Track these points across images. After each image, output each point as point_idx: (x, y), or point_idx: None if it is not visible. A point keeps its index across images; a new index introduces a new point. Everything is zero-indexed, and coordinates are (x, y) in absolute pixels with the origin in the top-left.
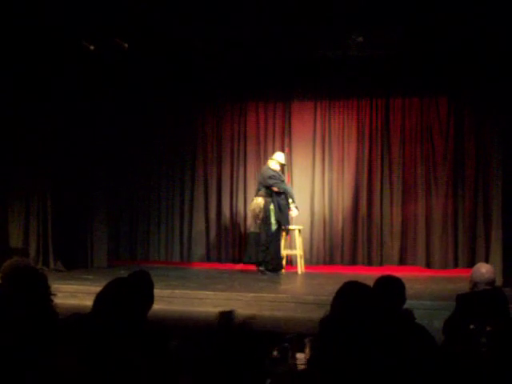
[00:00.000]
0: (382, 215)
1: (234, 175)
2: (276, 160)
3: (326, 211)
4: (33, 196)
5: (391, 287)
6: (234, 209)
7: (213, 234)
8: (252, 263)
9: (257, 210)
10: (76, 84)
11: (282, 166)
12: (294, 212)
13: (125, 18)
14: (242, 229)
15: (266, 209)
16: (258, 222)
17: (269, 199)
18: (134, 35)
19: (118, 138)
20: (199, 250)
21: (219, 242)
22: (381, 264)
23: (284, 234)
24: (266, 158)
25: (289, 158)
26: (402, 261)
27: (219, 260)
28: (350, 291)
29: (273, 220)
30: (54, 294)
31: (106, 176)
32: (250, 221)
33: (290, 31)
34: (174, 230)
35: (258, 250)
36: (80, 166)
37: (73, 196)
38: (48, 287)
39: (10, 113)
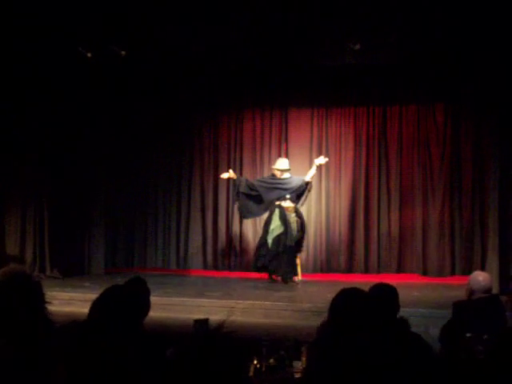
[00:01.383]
0: (379, 223)
1: (231, 183)
2: (275, 169)
3: (323, 219)
4: (30, 203)
5: (385, 295)
6: (231, 216)
7: (209, 241)
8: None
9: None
10: (74, 90)
11: (282, 171)
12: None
13: (122, 24)
14: (238, 237)
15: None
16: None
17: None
18: (131, 42)
19: (115, 146)
20: (196, 257)
21: (215, 250)
22: (378, 272)
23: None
24: (263, 164)
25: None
26: (399, 268)
27: (216, 268)
28: (347, 297)
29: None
30: (49, 302)
31: (104, 183)
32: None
33: (288, 39)
34: (171, 238)
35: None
36: (77, 173)
37: (70, 203)
38: (42, 294)
39: (8, 118)
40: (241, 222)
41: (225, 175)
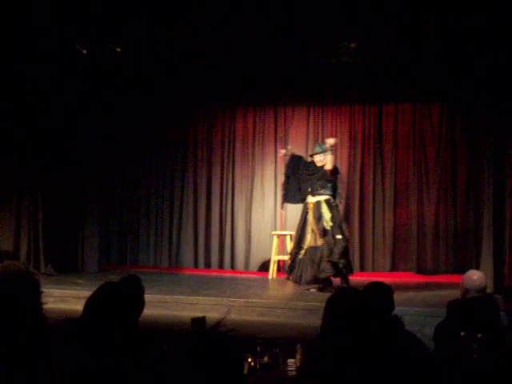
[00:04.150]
0: (374, 221)
1: (224, 181)
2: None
3: None
4: (24, 199)
5: (380, 294)
6: (224, 214)
7: (201, 239)
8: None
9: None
10: (71, 88)
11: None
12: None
13: (118, 21)
14: (231, 235)
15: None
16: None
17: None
18: (126, 39)
19: (109, 144)
20: (187, 255)
21: (208, 248)
22: (373, 270)
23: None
24: (258, 162)
25: (280, 163)
26: (394, 267)
27: (207, 266)
28: (342, 296)
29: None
30: (45, 303)
31: (98, 180)
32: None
33: (284, 37)
34: (163, 236)
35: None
36: (72, 169)
37: (64, 200)
38: (40, 293)
39: (5, 117)
40: (233, 220)
41: (282, 151)
